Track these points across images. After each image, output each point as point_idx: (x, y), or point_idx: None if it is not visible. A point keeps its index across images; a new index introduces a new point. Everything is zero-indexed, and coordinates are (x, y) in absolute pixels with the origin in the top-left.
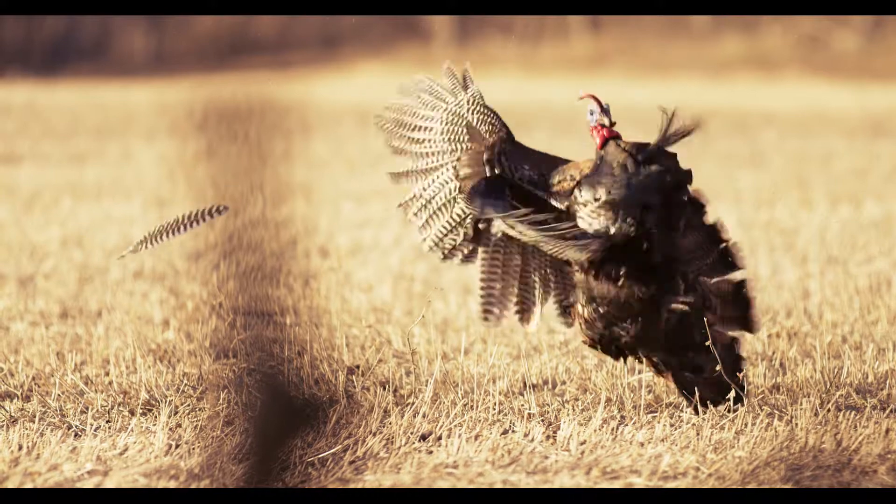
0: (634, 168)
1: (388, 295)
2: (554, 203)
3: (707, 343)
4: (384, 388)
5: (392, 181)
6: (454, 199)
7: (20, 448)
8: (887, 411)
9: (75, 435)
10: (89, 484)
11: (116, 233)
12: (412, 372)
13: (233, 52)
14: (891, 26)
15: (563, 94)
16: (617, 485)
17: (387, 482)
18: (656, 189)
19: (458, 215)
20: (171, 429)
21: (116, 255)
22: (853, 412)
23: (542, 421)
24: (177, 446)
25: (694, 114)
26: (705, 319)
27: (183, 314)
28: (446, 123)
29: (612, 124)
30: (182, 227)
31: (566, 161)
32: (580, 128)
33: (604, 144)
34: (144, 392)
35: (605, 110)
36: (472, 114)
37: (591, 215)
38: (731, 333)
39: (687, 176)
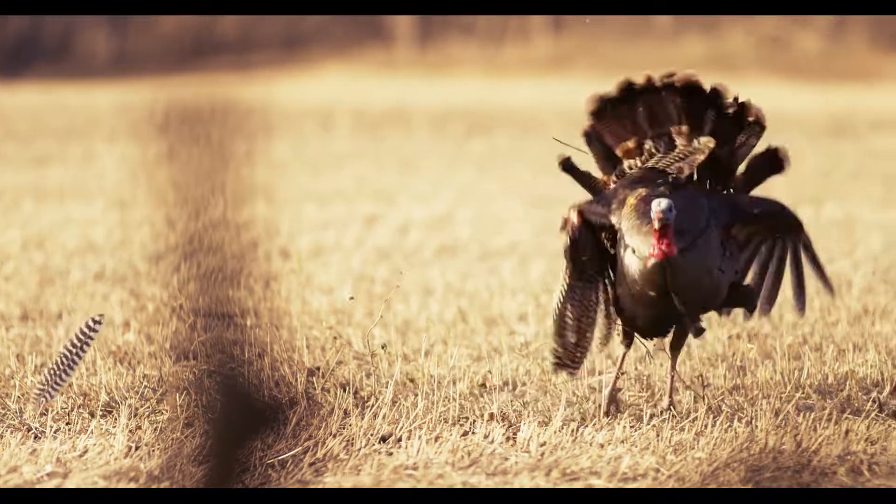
0: None
1: (349, 296)
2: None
3: None
4: (344, 390)
5: None
6: None
7: None
8: (847, 412)
9: (35, 437)
10: (49, 486)
11: (77, 235)
12: (372, 374)
13: (196, 53)
14: (852, 27)
15: (525, 96)
16: (577, 486)
17: (347, 484)
18: None
19: None
20: (130, 431)
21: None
22: (813, 413)
23: (503, 422)
24: (137, 448)
25: None
26: None
27: (143, 316)
28: None
29: None
30: (74, 357)
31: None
32: (542, 129)
33: None
34: (104, 394)
35: None
36: None
37: None
38: None
39: None
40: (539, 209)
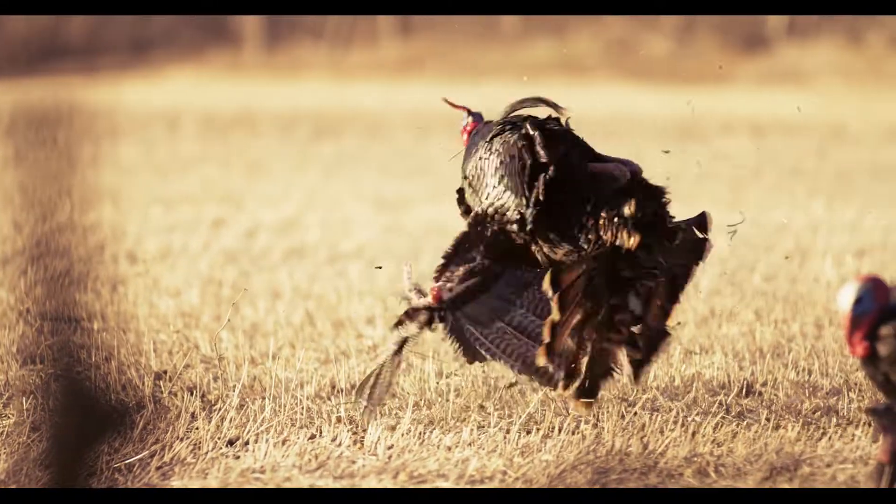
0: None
1: (197, 300)
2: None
3: None
4: (191, 394)
5: None
6: None
7: None
8: (694, 415)
9: None
10: None
11: None
12: (219, 377)
13: (42, 56)
14: (699, 30)
15: (373, 99)
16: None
17: (194, 487)
18: None
19: None
20: None
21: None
22: (660, 416)
23: (350, 425)
24: None
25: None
26: None
27: None
28: None
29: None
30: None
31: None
32: (390, 133)
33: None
34: None
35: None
36: None
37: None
38: None
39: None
40: (386, 212)
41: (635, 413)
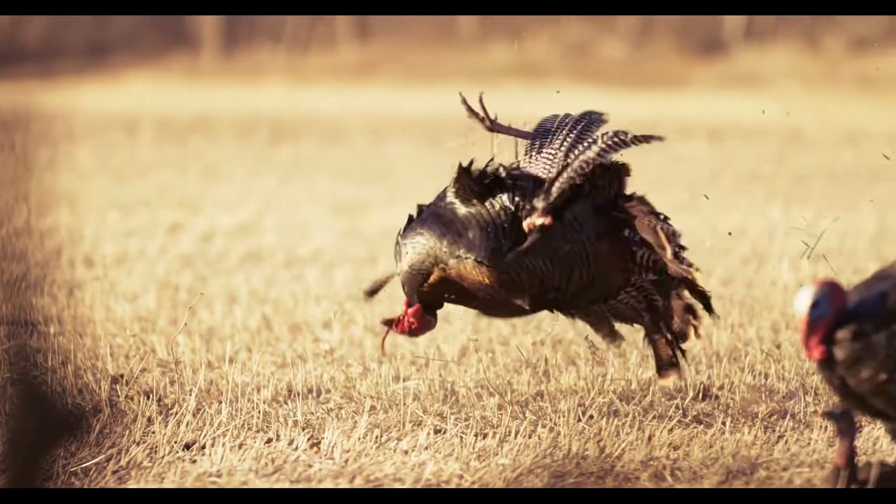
0: None
1: (153, 304)
2: None
3: None
4: (148, 398)
5: None
6: None
7: None
8: (650, 418)
9: None
10: None
11: None
12: (176, 381)
13: None
14: (656, 33)
15: (330, 103)
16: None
17: (150, 487)
18: None
19: None
20: None
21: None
22: (616, 419)
23: (307, 429)
24: None
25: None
26: None
27: None
28: None
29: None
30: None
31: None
32: (347, 137)
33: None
34: None
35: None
36: None
37: None
38: None
39: None
40: (343, 216)
41: (591, 417)
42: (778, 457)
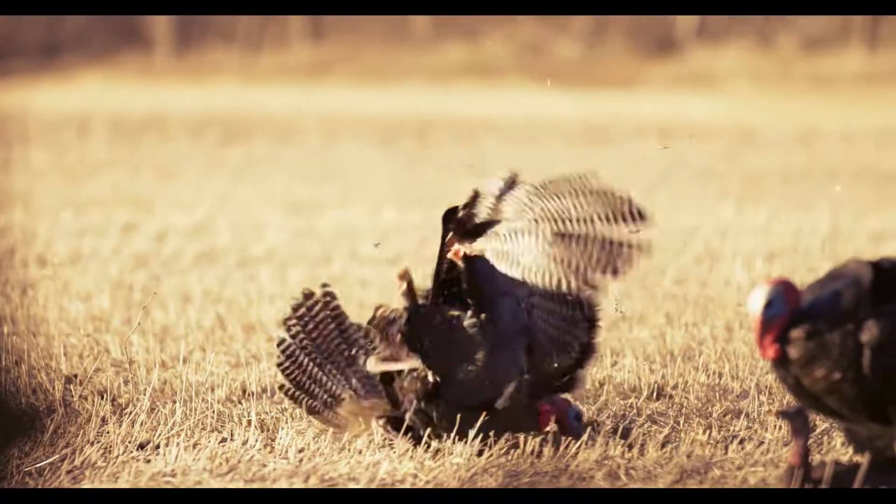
0: None
1: (107, 303)
2: None
3: None
4: (102, 398)
5: None
6: None
7: None
8: (604, 418)
9: None
10: None
11: None
12: (130, 381)
13: None
14: (610, 33)
15: (284, 102)
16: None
17: (104, 487)
18: None
19: None
20: None
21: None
22: None
23: (261, 429)
24: None
25: None
26: None
27: None
28: None
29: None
30: None
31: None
32: (300, 136)
33: None
34: None
35: None
36: None
37: None
38: None
39: None
40: (297, 216)
41: None
42: (732, 456)
